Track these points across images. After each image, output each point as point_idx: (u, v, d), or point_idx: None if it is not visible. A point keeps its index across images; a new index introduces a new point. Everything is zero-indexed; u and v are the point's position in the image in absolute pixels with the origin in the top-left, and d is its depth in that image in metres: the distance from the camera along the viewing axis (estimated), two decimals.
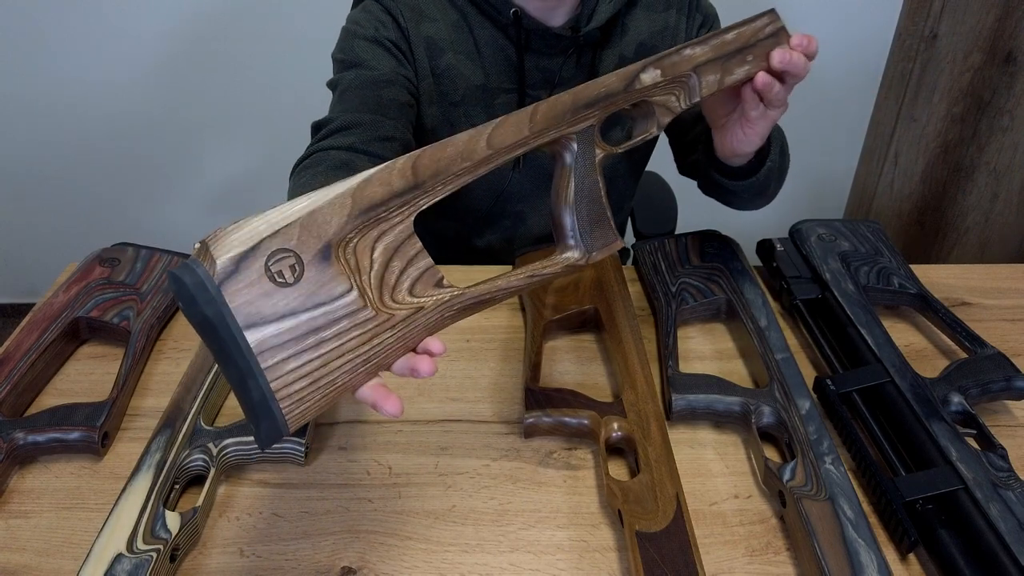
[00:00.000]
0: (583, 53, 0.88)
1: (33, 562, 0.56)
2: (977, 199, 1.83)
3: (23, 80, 1.65)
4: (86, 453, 0.65)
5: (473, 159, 0.49)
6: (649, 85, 0.58)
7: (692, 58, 0.61)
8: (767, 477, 0.60)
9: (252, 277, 0.40)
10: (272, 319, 0.40)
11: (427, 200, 0.47)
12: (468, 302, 0.49)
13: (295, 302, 0.41)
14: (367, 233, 0.45)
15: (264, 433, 0.42)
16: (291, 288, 0.41)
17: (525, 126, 0.51)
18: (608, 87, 0.56)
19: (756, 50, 0.64)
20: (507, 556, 0.57)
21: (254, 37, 1.45)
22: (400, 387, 0.72)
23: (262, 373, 0.40)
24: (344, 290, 0.43)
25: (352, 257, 0.44)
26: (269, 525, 0.59)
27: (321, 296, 0.42)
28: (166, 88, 1.66)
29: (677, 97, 0.60)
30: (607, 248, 0.57)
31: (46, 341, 0.72)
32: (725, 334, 0.79)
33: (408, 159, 0.46)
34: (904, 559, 0.56)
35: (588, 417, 0.65)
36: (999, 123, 1.70)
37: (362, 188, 0.44)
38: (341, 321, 0.42)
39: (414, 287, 0.46)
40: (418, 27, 0.87)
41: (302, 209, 0.42)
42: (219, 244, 0.40)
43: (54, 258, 1.05)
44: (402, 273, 0.46)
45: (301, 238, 0.42)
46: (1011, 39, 1.59)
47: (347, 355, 0.43)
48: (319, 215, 0.43)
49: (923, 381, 0.67)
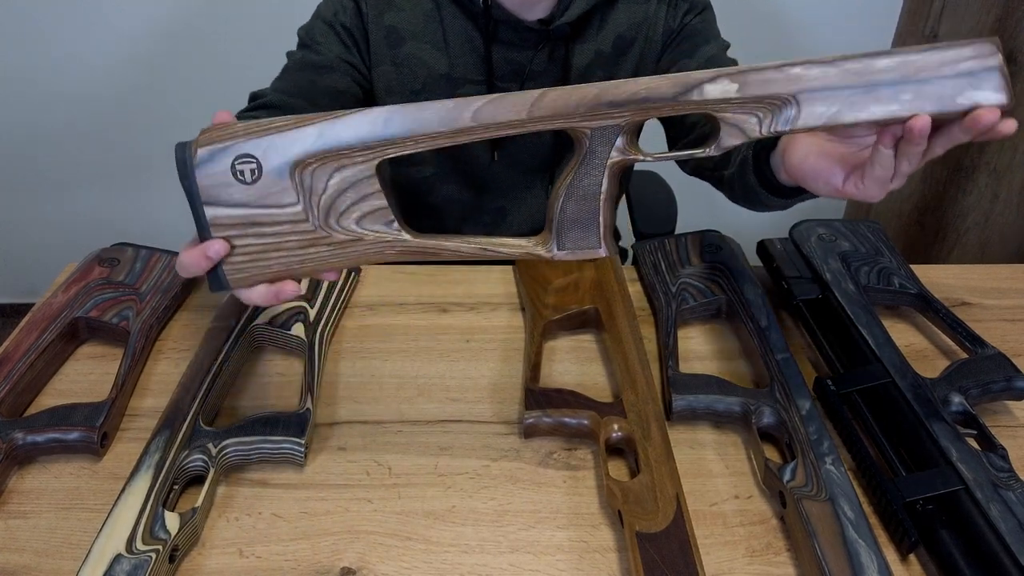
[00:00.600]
0: (556, 47, 0.88)
1: (32, 562, 0.56)
2: (977, 199, 1.83)
3: (23, 80, 1.65)
4: (85, 453, 0.64)
5: (452, 127, 0.51)
6: (716, 99, 0.50)
7: (797, 79, 0.49)
8: (767, 477, 0.60)
9: (219, 169, 0.52)
10: (227, 204, 0.52)
11: (394, 151, 0.52)
12: (408, 247, 0.55)
13: (247, 198, 0.52)
14: (327, 163, 0.52)
15: (210, 282, 0.56)
16: (247, 187, 0.52)
17: (525, 109, 0.51)
18: (651, 90, 0.50)
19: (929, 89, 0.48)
20: (507, 556, 0.56)
21: (255, 38, 1.45)
22: (400, 387, 0.72)
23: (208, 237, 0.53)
24: (291, 202, 0.52)
25: (309, 179, 0.52)
26: (269, 525, 0.59)
27: (270, 200, 0.52)
28: (167, 89, 1.66)
29: (760, 120, 0.50)
30: (581, 252, 0.55)
31: (45, 341, 0.72)
32: (725, 334, 0.79)
33: (384, 113, 0.51)
34: (904, 559, 0.56)
35: (588, 417, 0.65)
36: None
37: (332, 126, 0.51)
38: (283, 224, 0.53)
39: (361, 220, 0.53)
40: (381, 16, 0.88)
41: (276, 129, 0.51)
42: (204, 138, 0.52)
43: (54, 258, 1.05)
44: (353, 205, 0.53)
45: (267, 152, 0.51)
46: (1011, 39, 1.59)
47: (283, 251, 0.54)
48: (287, 138, 0.51)
49: (923, 381, 0.67)
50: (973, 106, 0.48)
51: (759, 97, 0.50)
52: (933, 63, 0.48)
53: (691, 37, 0.91)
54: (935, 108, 0.48)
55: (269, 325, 0.75)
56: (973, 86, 0.48)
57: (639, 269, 0.87)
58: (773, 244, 0.87)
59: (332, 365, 0.75)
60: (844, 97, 0.49)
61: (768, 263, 0.87)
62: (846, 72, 0.49)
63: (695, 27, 0.91)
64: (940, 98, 0.48)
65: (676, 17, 0.91)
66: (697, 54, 0.90)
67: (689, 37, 0.91)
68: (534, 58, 0.88)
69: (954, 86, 0.48)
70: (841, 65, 0.49)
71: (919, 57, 0.48)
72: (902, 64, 0.48)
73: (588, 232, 0.55)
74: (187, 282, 0.84)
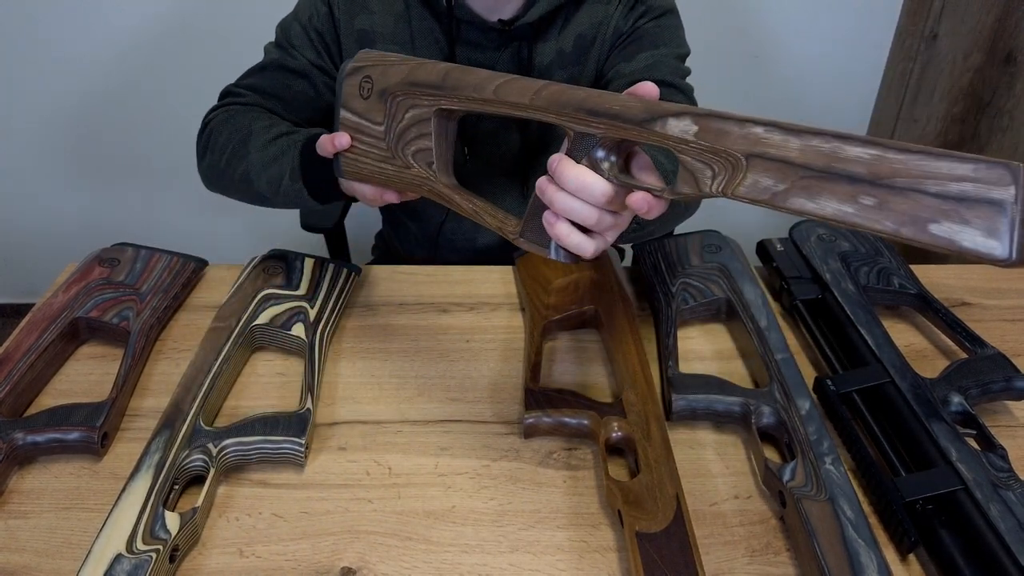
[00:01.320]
0: (520, 47, 0.88)
1: (33, 562, 0.56)
2: None
3: (23, 79, 1.65)
4: (85, 453, 0.64)
5: (481, 95, 0.58)
6: (676, 137, 0.46)
7: (754, 140, 0.43)
8: (767, 477, 0.60)
9: (354, 82, 0.67)
10: (350, 110, 0.67)
11: (447, 102, 0.60)
12: (434, 190, 0.63)
13: (360, 108, 0.66)
14: (407, 98, 0.63)
15: (333, 166, 0.70)
16: (363, 100, 0.66)
17: (527, 95, 0.55)
18: (624, 108, 0.49)
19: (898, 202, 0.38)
20: (507, 556, 0.56)
21: (256, 38, 1.45)
22: (400, 387, 0.72)
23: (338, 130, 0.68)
24: (379, 120, 0.65)
25: (394, 107, 0.64)
26: (269, 525, 0.59)
27: (369, 116, 0.66)
28: (167, 89, 1.66)
29: (714, 175, 0.45)
30: (534, 247, 0.56)
31: (45, 341, 0.72)
32: (725, 334, 0.79)
33: (445, 67, 0.61)
34: (904, 559, 0.56)
35: (588, 417, 0.65)
36: (999, 123, 1.70)
37: (416, 68, 0.62)
38: (373, 137, 0.66)
39: (416, 154, 0.63)
40: (352, 20, 0.89)
41: (387, 62, 0.65)
42: (357, 58, 0.67)
43: (54, 258, 1.05)
44: (414, 139, 0.63)
45: (378, 77, 0.65)
46: (1011, 39, 1.59)
47: (370, 158, 0.67)
48: (390, 71, 0.64)
49: (923, 381, 0.67)
50: (951, 244, 0.36)
51: (714, 148, 0.45)
52: (916, 171, 0.37)
53: (638, 40, 0.88)
54: (897, 227, 0.38)
55: (269, 325, 0.75)
56: (958, 219, 0.36)
57: (639, 269, 0.87)
58: (773, 244, 0.87)
59: (332, 365, 0.75)
60: (798, 177, 0.41)
61: (768, 263, 0.87)
62: (810, 149, 0.41)
63: (646, 31, 0.89)
64: (911, 218, 0.37)
65: (629, 19, 0.89)
66: (636, 59, 0.87)
67: (636, 40, 0.89)
68: (499, 59, 0.89)
69: (932, 208, 0.37)
70: (807, 139, 0.41)
71: (900, 158, 0.38)
72: (877, 160, 0.39)
73: (543, 231, 0.54)
74: (187, 282, 0.84)
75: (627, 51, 0.89)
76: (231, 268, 0.88)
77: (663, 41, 0.88)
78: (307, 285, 0.80)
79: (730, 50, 1.65)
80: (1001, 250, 0.35)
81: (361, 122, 0.66)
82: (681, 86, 0.87)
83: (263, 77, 0.90)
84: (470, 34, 0.87)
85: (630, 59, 0.87)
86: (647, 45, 0.88)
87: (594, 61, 0.91)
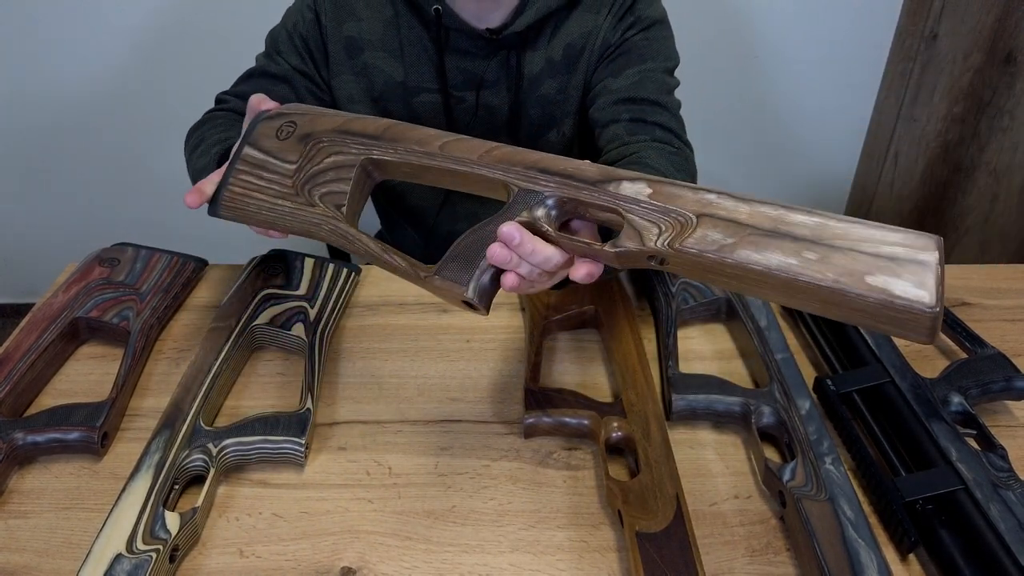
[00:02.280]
0: (509, 55, 0.88)
1: (33, 562, 0.56)
2: (977, 199, 1.83)
3: (23, 80, 1.65)
4: (85, 453, 0.65)
5: (424, 148, 0.58)
6: (627, 197, 0.50)
7: (706, 203, 0.47)
8: (767, 477, 0.60)
9: (274, 125, 0.65)
10: (257, 146, 0.64)
11: (379, 152, 0.60)
12: (336, 230, 0.60)
13: (270, 147, 0.64)
14: (332, 144, 0.62)
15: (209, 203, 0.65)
16: (277, 141, 0.64)
17: (476, 153, 0.56)
18: (577, 170, 0.52)
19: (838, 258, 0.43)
20: (507, 556, 0.56)
21: (256, 38, 1.45)
22: (400, 387, 0.72)
23: (232, 170, 0.65)
24: (292, 160, 0.63)
25: (314, 151, 0.62)
26: (269, 525, 0.59)
27: (282, 156, 0.63)
28: (167, 89, 1.66)
29: (660, 232, 0.48)
30: (448, 284, 0.53)
31: (45, 341, 0.72)
32: (725, 334, 0.79)
33: (388, 122, 0.61)
34: (904, 559, 0.56)
35: (588, 417, 0.65)
36: (999, 123, 1.70)
37: (352, 120, 0.62)
38: (276, 175, 0.63)
39: (324, 196, 0.61)
40: (340, 27, 0.89)
41: (319, 113, 0.64)
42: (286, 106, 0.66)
43: (54, 258, 1.05)
44: (327, 183, 0.61)
45: (304, 123, 0.64)
46: (1011, 39, 1.59)
47: (264, 191, 0.63)
48: (320, 119, 0.63)
49: (923, 381, 0.67)
50: (884, 294, 0.42)
51: (665, 209, 0.48)
52: (854, 235, 0.43)
53: (627, 54, 0.88)
54: (837, 278, 0.43)
55: (269, 325, 0.75)
56: (891, 272, 0.42)
57: (639, 269, 0.87)
58: None
59: (332, 365, 0.75)
60: (744, 234, 0.45)
61: None
62: (758, 213, 0.46)
63: (635, 44, 0.88)
64: (847, 271, 0.43)
65: (618, 31, 0.88)
66: (624, 75, 0.86)
67: (625, 54, 0.88)
68: (488, 67, 0.88)
69: (868, 264, 0.42)
70: (756, 206, 0.46)
71: (840, 226, 0.44)
72: (819, 226, 0.44)
73: (465, 270, 0.53)
74: (187, 282, 0.84)
75: (615, 65, 0.88)
76: (231, 268, 0.88)
77: (651, 55, 0.88)
78: (307, 285, 0.80)
79: (730, 50, 1.65)
80: (928, 299, 0.41)
81: (267, 159, 0.63)
82: (666, 103, 0.86)
83: (249, 84, 0.91)
84: (459, 42, 0.87)
85: (618, 74, 0.87)
86: (635, 59, 0.87)
87: (583, 71, 0.90)
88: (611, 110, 0.86)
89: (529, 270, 0.53)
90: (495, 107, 0.91)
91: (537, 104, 0.91)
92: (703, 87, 0.89)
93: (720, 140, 1.67)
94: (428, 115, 0.92)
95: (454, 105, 0.91)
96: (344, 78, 0.92)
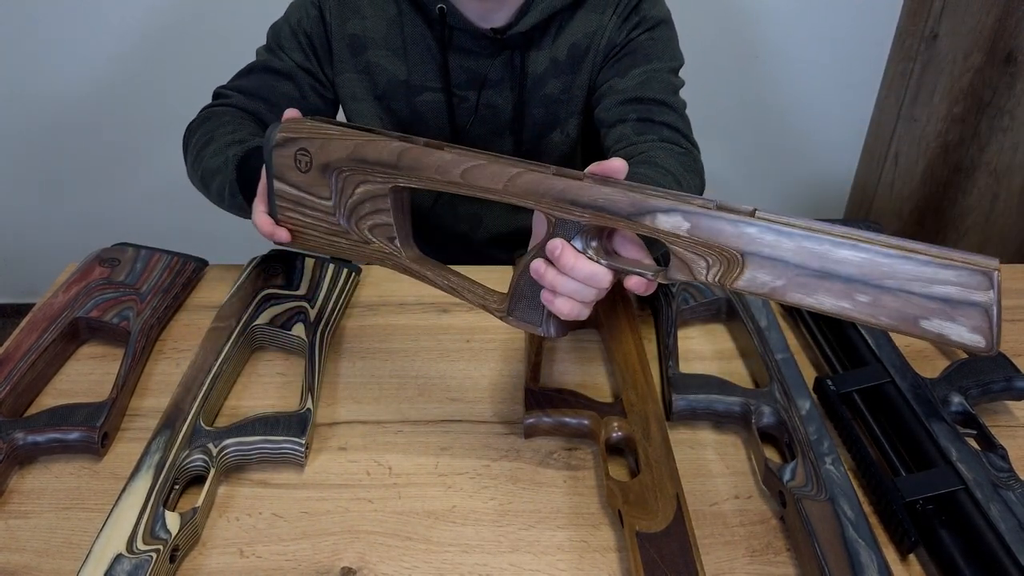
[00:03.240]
0: (512, 55, 0.88)
1: (33, 562, 0.56)
2: (977, 199, 1.83)
3: (23, 79, 1.65)
4: (86, 453, 0.64)
5: (446, 178, 0.55)
6: (667, 232, 0.48)
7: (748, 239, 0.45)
8: (767, 477, 0.60)
9: (287, 153, 0.62)
10: (286, 181, 0.63)
11: (404, 181, 0.58)
12: (400, 264, 0.62)
13: (299, 181, 0.63)
14: (356, 174, 0.60)
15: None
16: (301, 173, 0.62)
17: (500, 181, 0.53)
18: (610, 202, 0.50)
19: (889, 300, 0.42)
20: (507, 556, 0.56)
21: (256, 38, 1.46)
22: (400, 387, 0.72)
23: (274, 200, 0.65)
24: (325, 195, 0.62)
25: (340, 182, 0.61)
26: (269, 525, 0.59)
27: (312, 190, 0.62)
28: (167, 89, 1.66)
29: (708, 266, 0.47)
30: (525, 324, 0.58)
31: (46, 341, 0.72)
32: (725, 334, 0.79)
33: (400, 145, 0.57)
34: (904, 559, 0.56)
35: (588, 417, 0.65)
36: (999, 123, 1.70)
37: (363, 145, 0.59)
38: (318, 211, 0.63)
39: (373, 229, 0.61)
40: (344, 24, 0.89)
41: (326, 135, 0.60)
42: (284, 127, 0.62)
43: (54, 258, 1.05)
44: (369, 214, 0.61)
45: (317, 151, 0.61)
46: (1011, 39, 1.59)
47: (316, 228, 0.64)
48: (332, 144, 0.60)
49: (923, 381, 0.67)
50: (940, 338, 0.41)
51: (708, 243, 0.47)
52: (903, 274, 0.42)
53: (632, 54, 0.88)
54: (893, 322, 0.42)
55: (269, 325, 0.75)
56: (945, 316, 0.41)
57: None
58: None
59: (332, 365, 0.75)
60: (793, 275, 0.44)
61: None
62: (802, 250, 0.44)
63: (640, 43, 0.88)
64: (901, 315, 0.42)
65: (623, 31, 0.88)
66: (630, 75, 0.86)
67: (631, 54, 0.88)
68: (491, 66, 0.88)
69: (921, 307, 0.42)
70: (799, 241, 0.44)
71: (888, 262, 0.42)
72: (867, 263, 0.43)
73: (533, 309, 0.57)
74: (187, 282, 0.84)
75: (621, 65, 0.88)
76: (231, 268, 0.88)
77: (656, 55, 0.88)
78: (307, 285, 0.80)
79: (730, 50, 1.65)
80: (986, 344, 0.41)
81: (303, 195, 0.63)
82: (672, 103, 0.86)
83: (250, 79, 0.90)
84: (463, 41, 0.87)
85: (623, 74, 0.87)
86: (641, 59, 0.87)
87: (587, 71, 0.90)
88: (618, 110, 0.86)
89: (575, 288, 0.53)
90: (499, 107, 0.91)
91: (541, 104, 0.91)
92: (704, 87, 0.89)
93: (721, 140, 1.67)
94: (430, 114, 0.92)
95: (457, 104, 0.91)
96: (347, 76, 0.91)
